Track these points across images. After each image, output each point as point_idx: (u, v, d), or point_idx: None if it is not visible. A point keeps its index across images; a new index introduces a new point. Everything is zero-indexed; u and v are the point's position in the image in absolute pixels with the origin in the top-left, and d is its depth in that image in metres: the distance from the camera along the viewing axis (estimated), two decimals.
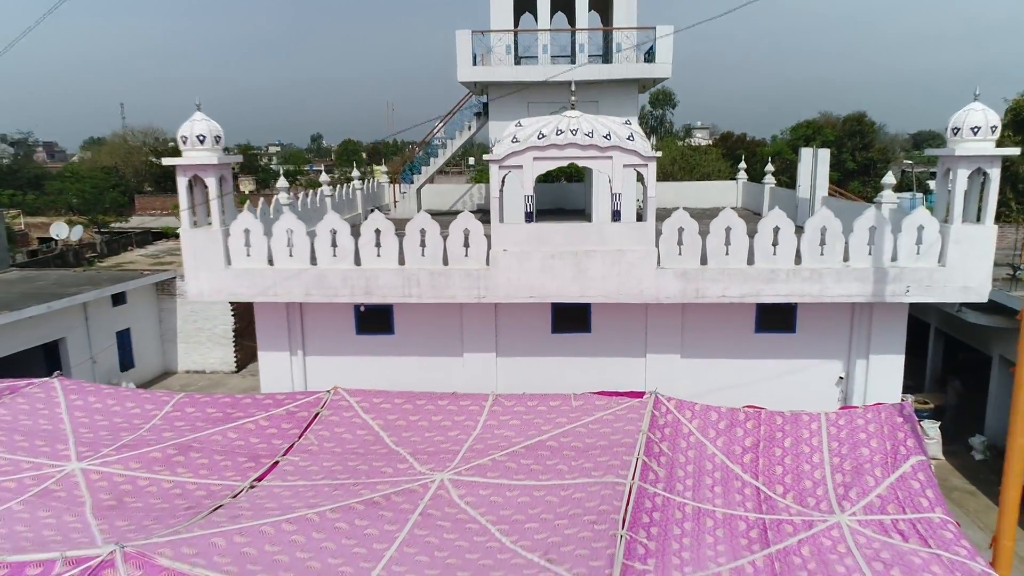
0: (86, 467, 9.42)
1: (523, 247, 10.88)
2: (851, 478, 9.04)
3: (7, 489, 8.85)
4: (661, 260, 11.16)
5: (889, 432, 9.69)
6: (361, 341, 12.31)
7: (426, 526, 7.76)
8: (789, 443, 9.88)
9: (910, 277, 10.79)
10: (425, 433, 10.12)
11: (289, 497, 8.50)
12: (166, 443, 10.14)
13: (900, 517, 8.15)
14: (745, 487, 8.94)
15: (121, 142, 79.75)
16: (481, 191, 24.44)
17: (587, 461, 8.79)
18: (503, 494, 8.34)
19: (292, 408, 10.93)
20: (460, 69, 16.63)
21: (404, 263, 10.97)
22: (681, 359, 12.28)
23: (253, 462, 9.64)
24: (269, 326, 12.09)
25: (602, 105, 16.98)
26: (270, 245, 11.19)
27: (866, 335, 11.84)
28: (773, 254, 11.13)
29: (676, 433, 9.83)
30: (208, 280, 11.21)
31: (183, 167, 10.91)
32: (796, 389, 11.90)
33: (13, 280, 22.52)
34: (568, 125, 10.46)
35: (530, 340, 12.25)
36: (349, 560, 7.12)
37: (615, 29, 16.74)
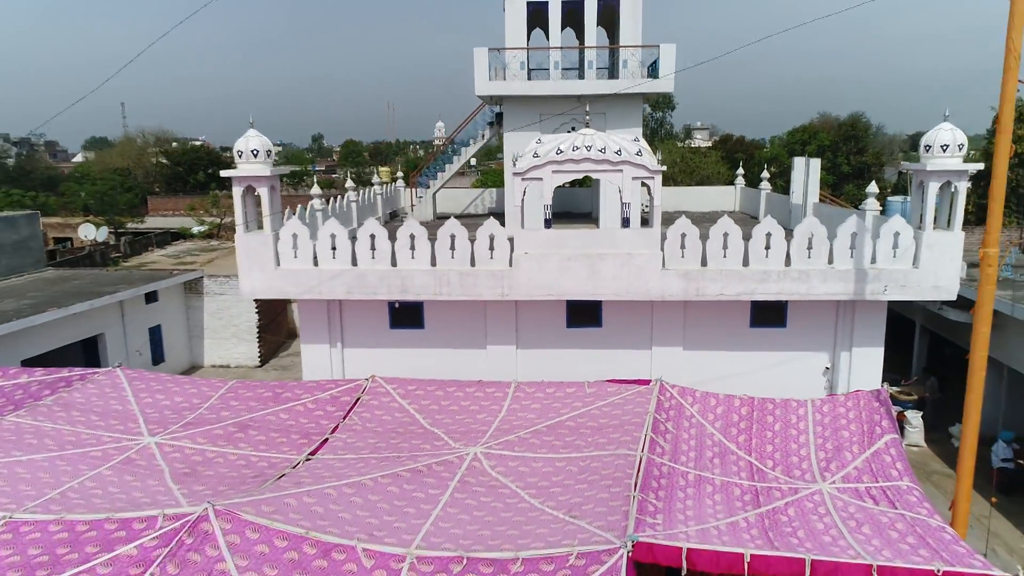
0: (159, 441, 10.66)
1: (542, 250, 12.13)
2: (832, 454, 10.27)
3: (95, 457, 10.09)
4: (666, 262, 12.40)
5: (867, 415, 10.92)
6: (394, 334, 13.55)
7: (464, 491, 9.00)
8: (779, 426, 11.11)
9: (887, 278, 12.03)
10: (456, 415, 11.35)
11: (342, 467, 9.73)
12: (226, 421, 11.39)
13: (873, 485, 9.38)
14: (740, 461, 10.18)
15: (131, 144, 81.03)
16: (492, 195, 25.64)
17: (601, 437, 10.03)
18: (529, 464, 9.58)
19: (335, 393, 12.17)
20: (478, 83, 17.83)
21: (435, 264, 12.23)
22: (683, 351, 13.52)
23: (305, 439, 10.88)
24: (311, 321, 13.35)
25: (609, 117, 18.20)
26: (315, 248, 12.44)
27: (849, 330, 13.08)
28: (766, 256, 12.37)
29: (679, 415, 11.06)
30: (259, 279, 12.45)
31: (239, 178, 12.13)
32: (786, 378, 13.12)
33: (51, 279, 23.73)
34: (583, 142, 11.69)
35: (547, 334, 13.49)
36: (401, 517, 8.35)
37: (621, 47, 17.94)
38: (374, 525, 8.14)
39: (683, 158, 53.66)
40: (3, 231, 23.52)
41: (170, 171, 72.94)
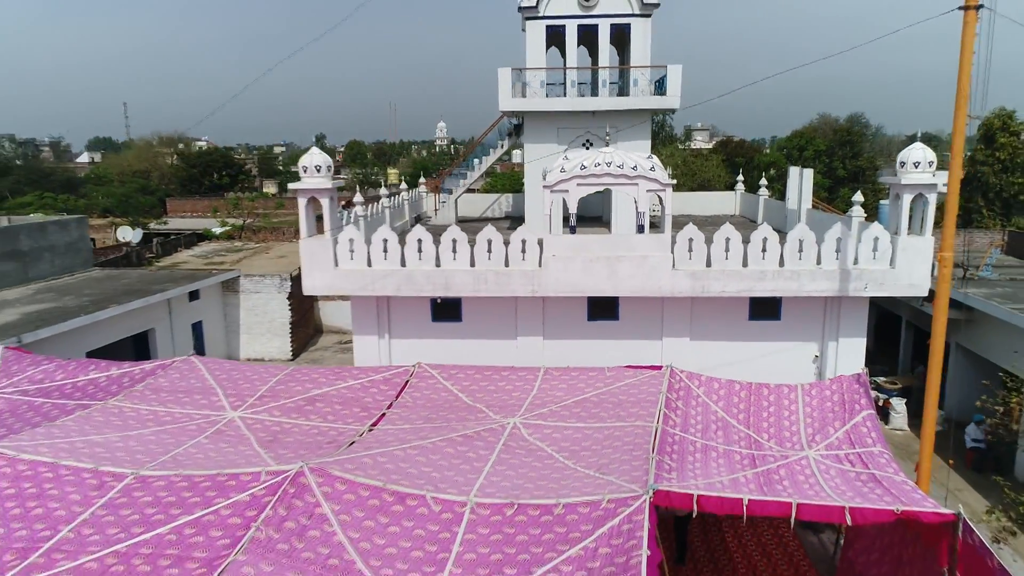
0: (241, 415, 12.38)
1: (568, 253, 13.82)
2: (817, 428, 11.97)
3: (191, 430, 11.79)
4: (675, 263, 14.09)
5: (848, 395, 12.61)
6: (435, 327, 15.25)
7: (508, 452, 10.70)
8: (773, 407, 12.79)
9: (868, 277, 13.72)
10: (494, 394, 13.05)
11: (402, 435, 11.42)
12: (295, 397, 13.11)
13: (851, 451, 11.08)
14: (739, 433, 11.87)
15: (148, 147, 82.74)
16: (508, 200, 27.30)
17: (622, 411, 11.74)
18: (561, 432, 11.29)
19: (387, 376, 13.88)
20: (501, 100, 19.51)
21: (474, 265, 13.93)
22: (690, 341, 15.21)
23: (366, 412, 12.59)
24: (363, 315, 15.05)
25: (621, 129, 19.88)
26: (369, 251, 14.14)
27: (835, 322, 14.77)
28: (762, 258, 14.06)
29: (687, 396, 12.76)
30: (320, 278, 14.15)
31: (303, 190, 13.84)
32: (780, 365, 14.79)
33: (100, 278, 25.44)
34: (604, 159, 13.38)
35: (570, 326, 15.19)
36: (458, 473, 10.06)
37: (632, 68, 19.62)
38: (437, 479, 9.85)
39: (684, 161, 55.32)
40: (56, 233, 25.25)
41: (185, 173, 74.63)
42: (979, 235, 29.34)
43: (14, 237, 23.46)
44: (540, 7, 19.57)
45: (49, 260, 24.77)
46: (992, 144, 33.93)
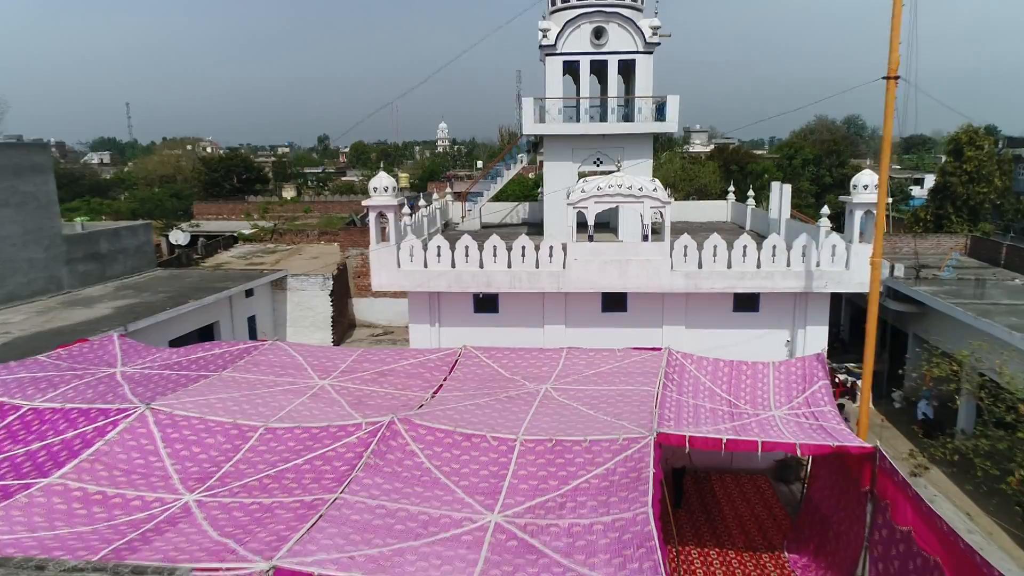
0: (328, 383, 15.55)
1: (587, 257, 16.99)
2: (783, 394, 15.12)
3: (294, 393, 14.88)
4: (673, 266, 17.26)
5: (809, 370, 15.77)
6: (476, 317, 18.40)
7: (543, 407, 13.83)
8: (750, 381, 15.96)
9: (827, 276, 16.87)
10: (527, 369, 16.20)
11: (460, 398, 14.58)
12: (367, 371, 16.27)
13: (807, 411, 14.24)
14: (722, 398, 15.02)
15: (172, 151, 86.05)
16: (525, 208, 30.40)
17: (630, 379, 14.90)
18: (584, 393, 14.44)
19: (440, 356, 17.02)
20: (525, 125, 22.67)
21: (511, 267, 17.11)
22: (685, 329, 18.37)
23: (427, 383, 15.73)
24: (418, 307, 18.21)
25: (626, 151, 23.00)
26: (426, 255, 17.32)
27: (803, 313, 17.91)
28: (743, 261, 17.22)
29: (682, 370, 15.93)
30: (386, 277, 17.31)
31: (374, 206, 17.01)
32: (759, 348, 17.90)
33: (166, 277, 28.62)
34: (616, 181, 16.55)
35: (587, 316, 18.35)
36: (508, 420, 13.16)
37: (637, 97, 22.78)
38: (492, 424, 12.99)
39: (683, 168, 58.49)
40: (128, 238, 28.43)
41: (207, 177, 77.87)
42: (947, 239, 32.53)
43: (95, 241, 26.63)
44: (558, 45, 22.72)
45: (122, 261, 27.94)
46: (960, 157, 37.07)
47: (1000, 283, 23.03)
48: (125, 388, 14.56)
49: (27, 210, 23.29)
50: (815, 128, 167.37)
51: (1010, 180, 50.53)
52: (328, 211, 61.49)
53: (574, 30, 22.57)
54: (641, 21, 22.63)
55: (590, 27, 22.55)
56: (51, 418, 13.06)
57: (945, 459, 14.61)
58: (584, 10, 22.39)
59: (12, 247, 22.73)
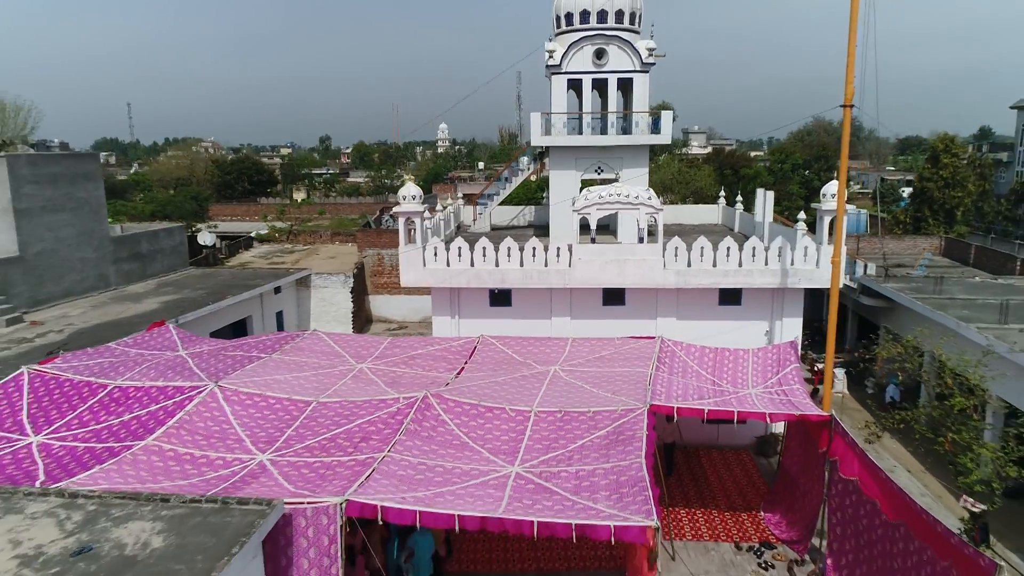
0: (366, 366, 17.76)
1: (590, 257, 19.22)
2: (759, 376, 17.34)
3: (335, 375, 17.09)
4: (665, 265, 19.48)
5: (783, 355, 17.98)
6: (492, 310, 20.60)
7: (552, 385, 16.03)
8: (731, 364, 18.17)
9: (800, 274, 19.10)
10: (537, 355, 18.40)
11: (481, 377, 16.81)
12: (398, 356, 18.49)
13: (778, 388, 16.44)
14: (706, 379, 17.22)
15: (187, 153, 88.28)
16: (531, 211, 32.54)
17: (627, 363, 17.12)
18: (587, 374, 16.66)
19: (461, 344, 19.24)
20: (533, 137, 24.83)
21: (523, 265, 19.35)
22: (676, 320, 20.57)
23: (451, 366, 17.94)
24: (440, 301, 20.44)
25: (624, 160, 25.18)
26: (448, 255, 19.56)
27: (780, 307, 20.13)
28: (727, 260, 19.46)
29: (672, 355, 18.15)
30: (413, 274, 19.53)
31: (403, 212, 19.26)
32: (741, 337, 20.07)
33: (199, 276, 30.80)
34: (615, 190, 18.77)
35: (590, 309, 20.55)
36: (523, 396, 15.35)
37: (634, 112, 24.98)
38: (510, 399, 15.19)
39: (680, 171, 60.64)
40: (165, 239, 30.65)
41: (220, 180, 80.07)
42: (923, 241, 34.78)
43: (137, 242, 28.86)
44: (563, 65, 24.91)
45: (160, 261, 30.16)
46: (937, 164, 39.30)
47: (961, 280, 25.25)
48: (193, 369, 16.79)
49: (81, 214, 25.50)
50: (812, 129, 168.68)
51: (991, 184, 52.84)
52: (338, 212, 63.65)
53: (577, 51, 24.75)
54: (638, 43, 24.79)
55: (592, 49, 24.73)
56: (135, 394, 15.29)
57: (894, 428, 16.81)
58: (587, 33, 24.57)
59: (68, 248, 24.94)
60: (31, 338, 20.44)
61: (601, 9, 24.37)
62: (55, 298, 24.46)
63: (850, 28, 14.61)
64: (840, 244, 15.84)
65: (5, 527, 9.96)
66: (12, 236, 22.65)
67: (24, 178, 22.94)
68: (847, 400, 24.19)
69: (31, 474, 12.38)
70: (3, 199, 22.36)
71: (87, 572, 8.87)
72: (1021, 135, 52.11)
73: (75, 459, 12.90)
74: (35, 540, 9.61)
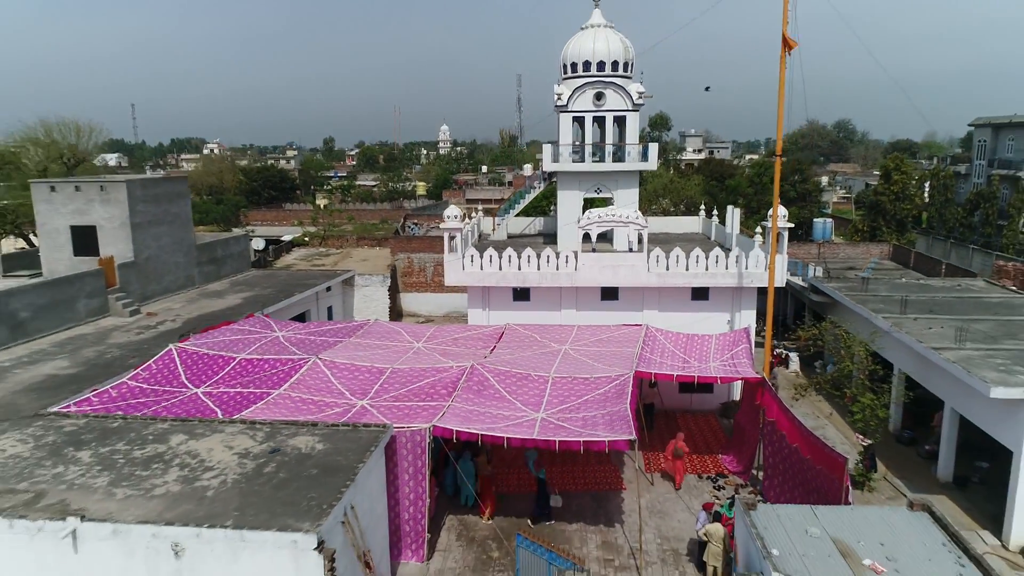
0: (422, 345, 23.12)
1: (591, 263, 24.58)
2: (718, 354, 22.70)
3: (399, 352, 22.39)
4: (649, 269, 24.85)
5: (737, 338, 23.28)
6: (515, 304, 25.92)
7: (564, 359, 21.31)
8: (697, 346, 23.50)
9: (753, 276, 24.44)
10: (551, 337, 23.77)
11: (510, 354, 22.18)
12: (445, 338, 23.84)
13: (731, 362, 21.77)
14: (679, 357, 22.54)
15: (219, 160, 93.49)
16: (541, 222, 37.84)
17: (619, 344, 22.48)
18: (589, 351, 22.03)
19: (492, 330, 24.57)
20: (545, 163, 30.18)
21: (540, 269, 24.73)
22: (659, 312, 25.92)
23: (486, 346, 23.21)
24: (475, 297, 25.80)
25: (619, 182, 30.41)
26: (481, 261, 24.92)
27: (739, 301, 25.46)
28: (696, 265, 24.83)
29: (654, 339, 23.50)
30: (454, 276, 24.87)
31: (447, 228, 24.65)
32: (709, 326, 25.42)
33: (261, 276, 36.08)
34: (611, 212, 24.15)
35: (591, 303, 25.91)
36: (542, 365, 20.66)
37: (626, 144, 30.31)
38: (532, 367, 20.56)
39: (672, 181, 65.94)
40: (233, 245, 35.96)
41: (247, 186, 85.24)
42: (874, 247, 40.13)
43: (214, 248, 34.19)
44: (568, 105, 30.20)
45: (230, 263, 35.49)
46: (889, 180, 44.70)
47: (890, 281, 30.59)
48: (292, 347, 22.13)
49: (175, 226, 30.82)
50: (806, 132, 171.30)
51: (952, 193, 58.14)
52: (359, 218, 68.74)
53: (580, 94, 30.05)
54: (630, 87, 30.07)
55: (592, 92, 30.02)
56: (258, 364, 20.64)
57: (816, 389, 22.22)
58: (588, 80, 29.86)
59: (166, 254, 30.25)
60: (153, 325, 25.76)
61: (600, 60, 29.65)
62: (157, 295, 29.77)
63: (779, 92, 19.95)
64: (773, 253, 21.21)
65: (217, 440, 15.33)
66: (129, 245, 27.97)
67: (137, 199, 28.27)
68: (802, 379, 29.50)
69: (208, 412, 17.71)
70: (123, 216, 27.69)
71: (284, 460, 14.22)
72: (977, 150, 57.40)
73: (233, 403, 18.26)
74: (241, 446, 14.98)
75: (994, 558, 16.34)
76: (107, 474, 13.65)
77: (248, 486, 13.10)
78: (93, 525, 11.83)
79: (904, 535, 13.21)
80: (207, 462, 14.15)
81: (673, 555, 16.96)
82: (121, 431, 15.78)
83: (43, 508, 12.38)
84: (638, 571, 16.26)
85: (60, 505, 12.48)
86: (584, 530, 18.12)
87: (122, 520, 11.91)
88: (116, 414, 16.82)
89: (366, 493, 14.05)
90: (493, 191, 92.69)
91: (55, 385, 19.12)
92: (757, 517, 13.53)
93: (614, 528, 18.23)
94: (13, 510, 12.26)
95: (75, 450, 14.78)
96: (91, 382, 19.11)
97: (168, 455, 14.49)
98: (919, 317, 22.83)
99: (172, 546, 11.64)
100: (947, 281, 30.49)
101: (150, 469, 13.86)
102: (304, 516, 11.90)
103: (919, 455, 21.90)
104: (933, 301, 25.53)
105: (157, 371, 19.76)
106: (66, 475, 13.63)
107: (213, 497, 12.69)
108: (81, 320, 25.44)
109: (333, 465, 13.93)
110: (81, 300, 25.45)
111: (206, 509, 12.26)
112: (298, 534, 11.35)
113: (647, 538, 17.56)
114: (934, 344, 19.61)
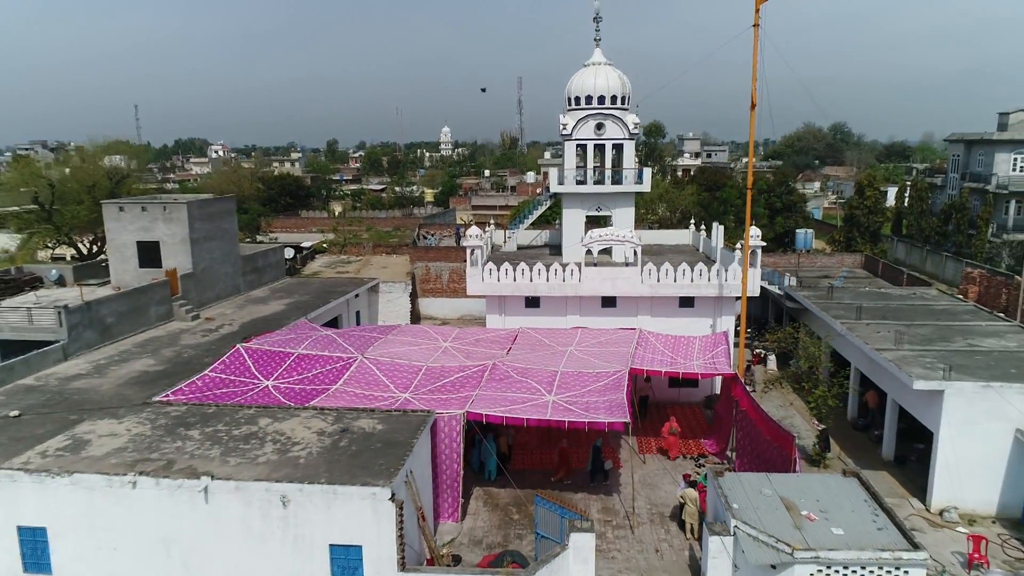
0: (449, 345, 26.86)
1: (593, 275, 28.30)
2: (701, 354, 26.43)
3: (431, 351, 26.14)
4: (643, 280, 28.59)
5: (717, 341, 27.03)
6: (527, 310, 29.58)
7: (570, 359, 25.03)
8: (684, 347, 27.27)
9: (732, 287, 28.19)
10: (559, 340, 27.52)
11: (525, 353, 25.91)
12: (468, 339, 27.57)
13: (712, 361, 25.46)
14: (667, 356, 26.28)
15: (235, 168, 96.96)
16: (547, 234, 41.57)
17: (617, 345, 26.20)
18: (591, 351, 25.77)
19: (507, 333, 28.30)
20: (552, 186, 33.94)
21: (548, 280, 28.46)
22: (651, 317, 29.62)
23: (503, 346, 26.91)
24: (492, 304, 29.52)
25: (617, 202, 34.16)
26: (498, 273, 28.65)
27: (720, 308, 29.18)
28: (683, 276, 28.56)
29: (646, 341, 27.24)
30: (475, 287, 28.58)
31: (470, 246, 28.38)
32: (694, 330, 29.13)
33: (296, 284, 39.77)
34: (610, 232, 27.90)
35: (593, 310, 29.62)
36: (552, 361, 24.37)
37: (624, 169, 34.02)
38: (544, 363, 24.28)
39: (667, 191, 69.53)
40: (271, 256, 39.69)
41: (264, 195, 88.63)
42: (848, 257, 43.85)
43: (255, 259, 37.92)
44: (572, 134, 33.91)
45: (268, 273, 39.22)
46: (863, 195, 48.47)
47: (856, 289, 34.29)
48: (342, 344, 25.86)
49: (224, 240, 34.53)
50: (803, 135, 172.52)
51: (927, 204, 61.79)
52: (374, 225, 72.07)
53: (583, 124, 33.77)
54: (627, 118, 33.79)
55: (593, 123, 33.75)
56: (316, 359, 24.35)
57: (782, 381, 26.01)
58: (590, 112, 33.58)
59: (218, 265, 33.97)
60: (215, 328, 29.48)
61: (600, 95, 33.36)
62: (211, 301, 33.50)
63: (749, 150, 23.69)
64: (747, 267, 24.96)
65: (297, 422, 19.05)
66: (188, 258, 31.69)
67: (195, 217, 32.01)
68: (780, 377, 33.07)
69: (280, 401, 21.43)
70: (183, 233, 31.42)
71: (353, 437, 17.96)
72: (951, 164, 61.04)
73: (300, 394, 21.98)
74: (316, 427, 18.71)
75: (918, 518, 20.07)
76: (217, 447, 17.36)
77: (329, 456, 16.81)
78: (220, 482, 15.54)
79: (836, 495, 16.94)
80: (293, 439, 17.84)
81: (660, 517, 20.67)
82: (218, 415, 19.51)
83: (177, 471, 16.10)
84: (631, 529, 19.98)
85: (189, 469, 16.19)
86: (587, 498, 21.83)
87: (240, 479, 15.64)
88: (210, 403, 20.55)
89: (419, 463, 17.80)
90: (497, 197, 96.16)
91: (149, 380, 22.83)
92: (723, 482, 17.26)
93: (612, 497, 21.94)
94: (156, 472, 15.99)
95: (185, 430, 18.49)
96: (178, 377, 22.81)
97: (260, 433, 18.19)
98: (871, 322, 26.55)
99: (280, 498, 15.35)
100: (905, 290, 34.18)
101: (249, 444, 17.57)
102: (378, 476, 15.62)
103: (870, 439, 25.62)
104: (887, 308, 29.25)
105: (231, 364, 23.46)
106: (186, 448, 17.35)
107: (305, 463, 16.40)
108: (152, 324, 29.16)
109: (393, 440, 17.65)
110: (152, 307, 29.19)
111: (301, 472, 15.96)
112: (376, 488, 15.08)
113: (639, 504, 21.25)
114: (878, 345, 23.32)
